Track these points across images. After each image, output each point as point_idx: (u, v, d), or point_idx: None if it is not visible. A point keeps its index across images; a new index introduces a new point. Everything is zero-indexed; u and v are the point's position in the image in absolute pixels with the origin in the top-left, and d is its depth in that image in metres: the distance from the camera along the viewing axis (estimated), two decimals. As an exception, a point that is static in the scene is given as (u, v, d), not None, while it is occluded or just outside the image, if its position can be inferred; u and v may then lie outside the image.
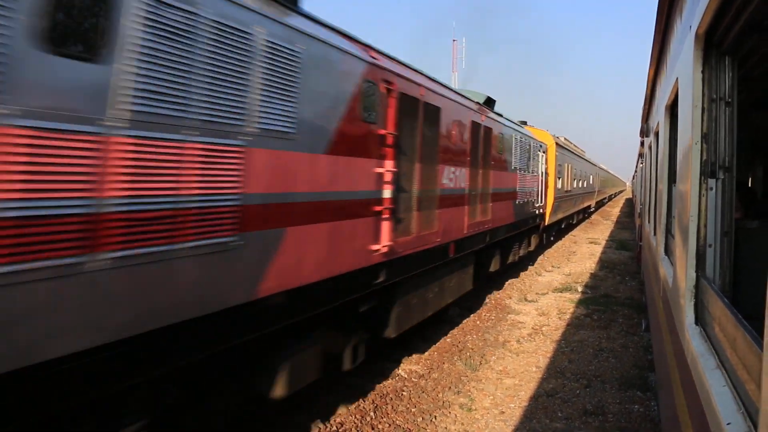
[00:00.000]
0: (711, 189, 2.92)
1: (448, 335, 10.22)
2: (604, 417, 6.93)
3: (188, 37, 3.64)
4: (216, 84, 3.88)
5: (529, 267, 18.34)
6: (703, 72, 2.94)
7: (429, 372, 8.27)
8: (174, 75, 3.55)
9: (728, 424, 1.87)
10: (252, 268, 4.33)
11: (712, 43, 2.89)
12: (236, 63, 4.05)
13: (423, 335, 9.94)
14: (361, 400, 7.08)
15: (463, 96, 9.92)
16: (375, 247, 6.27)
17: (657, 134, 6.98)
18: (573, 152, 27.59)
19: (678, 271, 3.53)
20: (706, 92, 2.93)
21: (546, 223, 19.08)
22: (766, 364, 1.41)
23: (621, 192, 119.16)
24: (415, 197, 7.39)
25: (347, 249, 5.69)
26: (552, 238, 24.65)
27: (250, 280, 4.33)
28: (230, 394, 4.89)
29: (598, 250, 23.76)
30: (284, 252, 4.67)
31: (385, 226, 6.47)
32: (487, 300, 13.16)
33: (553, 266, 18.97)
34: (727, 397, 2.06)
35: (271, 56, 4.39)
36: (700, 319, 2.99)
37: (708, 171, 2.92)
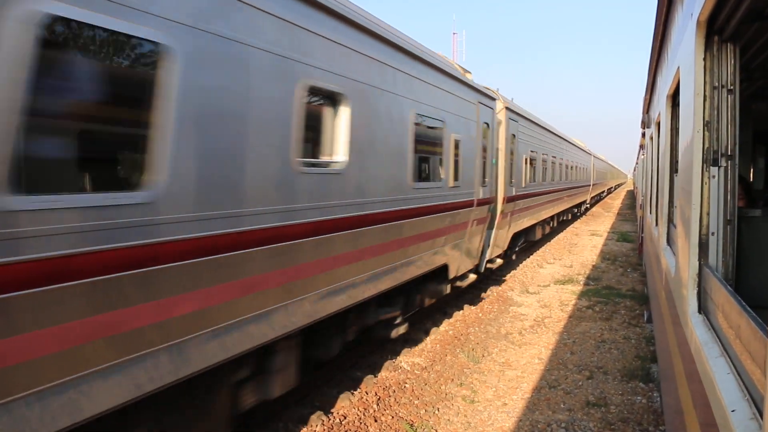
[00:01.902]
0: (713, 177, 2.91)
1: (451, 327, 10.22)
2: (607, 408, 6.93)
3: None
4: None
5: (531, 259, 18.34)
6: (704, 59, 2.92)
7: (432, 364, 8.28)
8: None
9: (733, 411, 1.86)
10: None
11: (714, 31, 2.87)
12: None
13: (425, 328, 9.95)
14: (364, 392, 7.09)
15: None
16: None
17: (658, 124, 6.95)
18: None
19: (680, 261, 3.52)
20: (707, 80, 2.91)
21: None
22: (771, 350, 1.40)
23: (622, 184, 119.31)
24: None
25: None
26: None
27: None
28: None
29: (599, 241, 23.74)
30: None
31: None
32: (488, 292, 13.16)
33: (554, 258, 18.96)
34: (731, 384, 2.05)
35: None
36: (703, 308, 2.98)
37: (710, 159, 2.91)
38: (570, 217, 30.88)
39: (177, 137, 3.74)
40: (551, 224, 23.38)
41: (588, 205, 40.81)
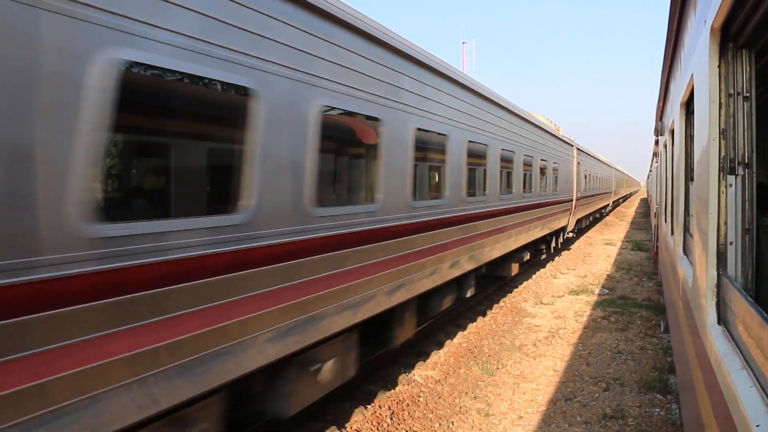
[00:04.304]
0: (731, 186, 2.86)
1: (464, 340, 10.14)
2: (624, 421, 6.83)
3: None
4: None
5: (544, 269, 18.20)
6: (719, 67, 2.88)
7: (445, 377, 8.20)
8: None
9: (758, 426, 1.81)
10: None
11: (728, 38, 2.84)
12: None
13: (438, 340, 9.88)
14: (377, 406, 7.03)
15: None
16: None
17: (672, 132, 6.89)
18: None
19: (698, 270, 3.46)
20: (722, 87, 2.87)
21: None
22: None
23: (636, 192, 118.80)
24: None
25: None
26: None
27: None
28: None
29: (613, 251, 23.54)
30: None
31: None
32: (502, 303, 13.06)
33: (568, 268, 18.81)
34: (754, 398, 2.00)
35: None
36: (722, 319, 2.92)
37: (727, 167, 2.86)
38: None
39: None
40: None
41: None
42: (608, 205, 45.47)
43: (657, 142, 14.24)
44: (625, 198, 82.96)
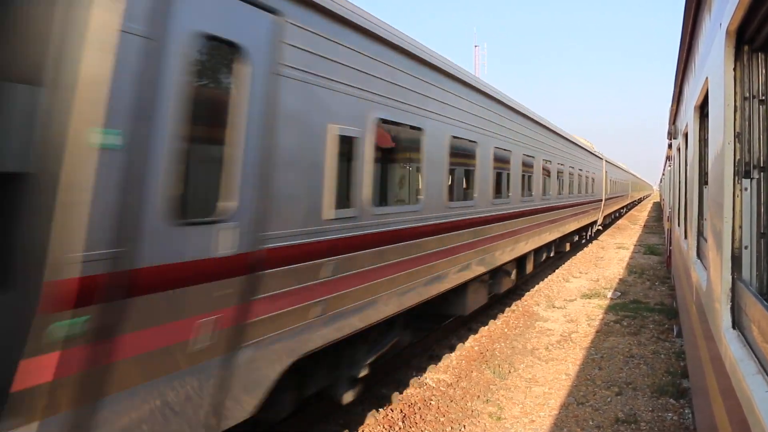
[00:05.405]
0: (746, 189, 2.85)
1: (476, 343, 10.12)
2: (637, 425, 6.79)
3: None
4: None
5: (556, 273, 18.13)
6: (734, 70, 2.87)
7: (457, 381, 8.20)
8: None
9: (773, 431, 1.80)
10: None
11: (744, 40, 2.83)
12: None
13: (450, 344, 9.87)
14: (389, 409, 7.04)
15: None
16: None
17: (686, 135, 6.85)
18: None
19: (712, 275, 3.44)
20: (738, 90, 2.86)
21: None
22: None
23: (648, 196, 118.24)
24: None
25: None
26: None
27: None
28: None
29: (626, 255, 23.40)
30: None
31: None
32: (514, 307, 13.03)
33: (580, 272, 18.72)
34: (770, 403, 1.99)
35: None
36: (737, 323, 2.90)
37: (742, 171, 2.85)
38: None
39: None
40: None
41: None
42: (596, 221, 28.05)
43: (670, 146, 14.15)
44: (629, 208, 62.52)
